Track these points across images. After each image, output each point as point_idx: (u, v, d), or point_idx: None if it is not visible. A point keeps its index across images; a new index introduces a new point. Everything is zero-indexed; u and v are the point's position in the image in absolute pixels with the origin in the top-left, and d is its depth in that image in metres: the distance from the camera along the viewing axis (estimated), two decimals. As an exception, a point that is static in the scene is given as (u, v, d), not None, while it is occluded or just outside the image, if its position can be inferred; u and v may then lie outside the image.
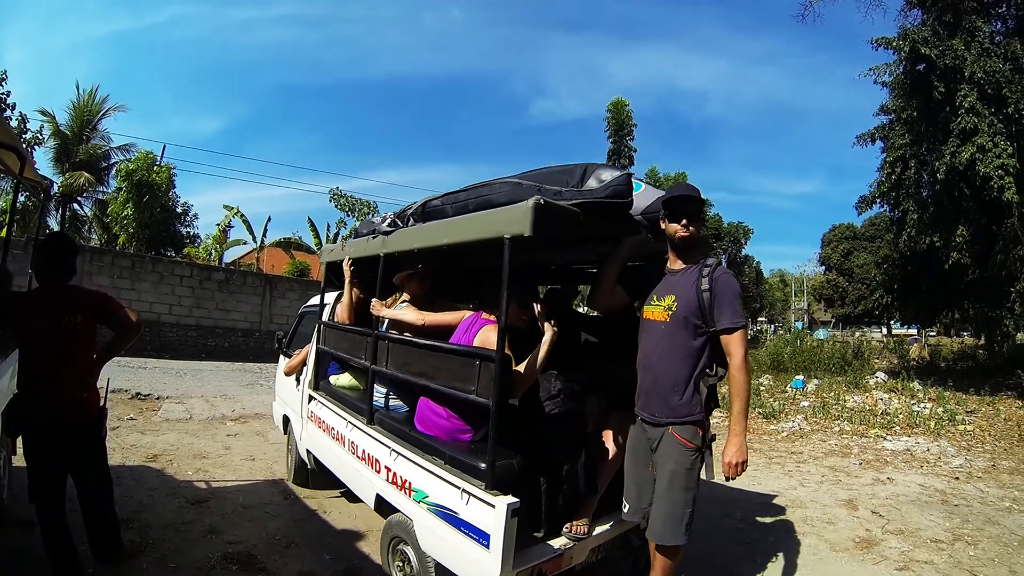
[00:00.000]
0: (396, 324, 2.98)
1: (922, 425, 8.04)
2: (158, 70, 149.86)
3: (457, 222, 2.37)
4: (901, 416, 8.48)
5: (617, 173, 2.08)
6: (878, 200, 13.23)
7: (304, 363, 3.93)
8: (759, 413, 8.66)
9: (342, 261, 3.46)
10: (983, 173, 8.78)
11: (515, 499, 1.92)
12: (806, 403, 9.86)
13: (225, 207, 20.16)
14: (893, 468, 5.81)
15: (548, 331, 2.20)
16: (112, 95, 24.85)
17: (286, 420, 4.30)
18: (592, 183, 2.07)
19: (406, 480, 2.41)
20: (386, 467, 2.58)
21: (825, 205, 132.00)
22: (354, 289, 3.48)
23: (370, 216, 14.55)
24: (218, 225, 20.11)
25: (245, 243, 21.84)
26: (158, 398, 6.92)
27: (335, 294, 3.85)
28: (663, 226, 2.28)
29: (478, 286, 3.96)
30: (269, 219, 27.26)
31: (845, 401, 9.83)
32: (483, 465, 2.02)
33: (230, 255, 23.17)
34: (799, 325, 55.07)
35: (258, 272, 17.50)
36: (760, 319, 46.27)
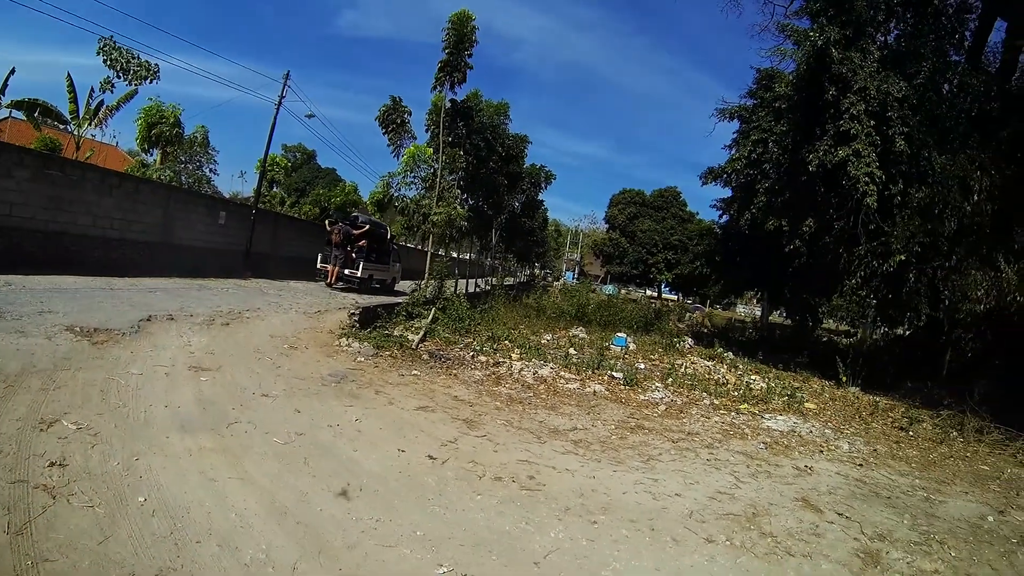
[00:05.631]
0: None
1: (774, 401, 8.20)
2: None
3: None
4: (745, 389, 8.66)
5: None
6: (726, 174, 14.52)
7: None
8: (613, 377, 8.20)
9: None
10: (853, 175, 9.70)
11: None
12: (641, 365, 9.73)
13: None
14: (800, 454, 5.62)
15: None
16: None
17: None
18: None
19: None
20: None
21: (608, 172, 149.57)
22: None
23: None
24: None
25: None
26: None
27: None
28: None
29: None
30: (13, 71, 17.99)
31: (681, 366, 9.83)
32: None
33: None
34: (569, 276, 58.06)
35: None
36: (536, 265, 45.95)
